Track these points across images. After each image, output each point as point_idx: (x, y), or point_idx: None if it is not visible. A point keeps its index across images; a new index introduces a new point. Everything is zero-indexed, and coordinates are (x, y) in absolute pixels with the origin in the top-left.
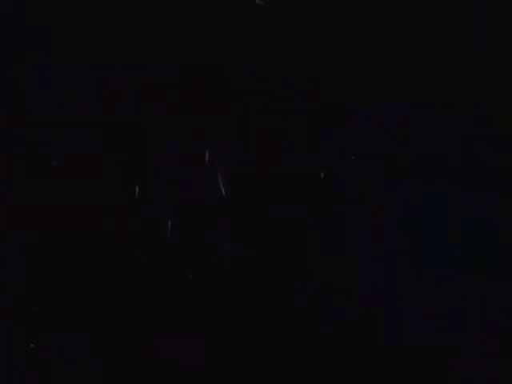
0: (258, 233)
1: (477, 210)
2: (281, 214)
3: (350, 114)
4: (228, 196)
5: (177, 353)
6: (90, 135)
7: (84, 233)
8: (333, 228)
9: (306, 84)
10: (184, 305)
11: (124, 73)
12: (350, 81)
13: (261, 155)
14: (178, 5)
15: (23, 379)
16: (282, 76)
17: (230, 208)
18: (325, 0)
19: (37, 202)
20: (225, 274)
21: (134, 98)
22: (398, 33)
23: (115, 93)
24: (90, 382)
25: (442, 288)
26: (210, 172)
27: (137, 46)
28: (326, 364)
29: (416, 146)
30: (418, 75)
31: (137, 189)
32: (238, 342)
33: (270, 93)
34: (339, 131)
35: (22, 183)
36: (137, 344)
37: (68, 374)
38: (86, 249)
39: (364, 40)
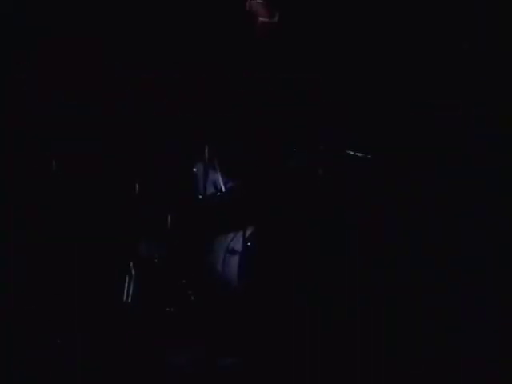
0: (258, 232)
1: (477, 209)
2: (281, 213)
3: (350, 114)
4: (228, 196)
5: (176, 352)
6: (90, 135)
7: (84, 233)
8: (333, 228)
9: (306, 84)
10: (184, 304)
11: (124, 73)
12: (350, 81)
13: (261, 155)
14: (178, 5)
15: (23, 379)
16: (282, 76)
17: (231, 207)
18: (325, 1)
19: (37, 202)
20: (225, 273)
21: (134, 98)
22: (397, 33)
23: (115, 93)
24: (90, 381)
25: (442, 288)
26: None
27: (137, 46)
28: (325, 364)
29: (416, 145)
30: (418, 75)
31: (137, 188)
32: (238, 341)
33: (270, 93)
34: (339, 131)
35: (22, 183)
36: (137, 344)
37: (68, 374)
38: (86, 249)
39: (364, 40)
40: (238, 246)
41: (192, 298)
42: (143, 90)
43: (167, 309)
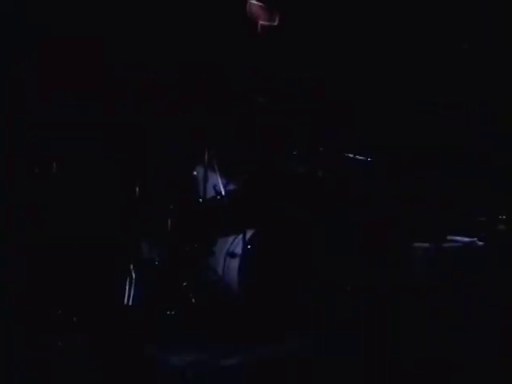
0: (260, 232)
1: (478, 208)
2: (284, 212)
3: (354, 113)
4: (230, 195)
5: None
6: (90, 135)
7: (84, 235)
8: (336, 227)
9: (310, 83)
10: (185, 307)
11: (124, 73)
12: (353, 80)
13: (261, 157)
14: (179, 5)
15: (23, 379)
16: (286, 75)
17: (231, 211)
18: (329, 1)
19: (37, 202)
20: (226, 276)
21: (134, 98)
22: (401, 32)
23: (115, 93)
24: (90, 382)
25: (443, 287)
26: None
27: (137, 46)
28: (328, 363)
29: (420, 144)
30: (421, 74)
31: (137, 189)
32: (239, 343)
33: (273, 92)
34: (343, 130)
35: (22, 183)
36: (137, 346)
37: (68, 374)
38: (86, 251)
39: (368, 39)
40: (238, 249)
41: (193, 300)
42: (143, 90)
43: (168, 312)
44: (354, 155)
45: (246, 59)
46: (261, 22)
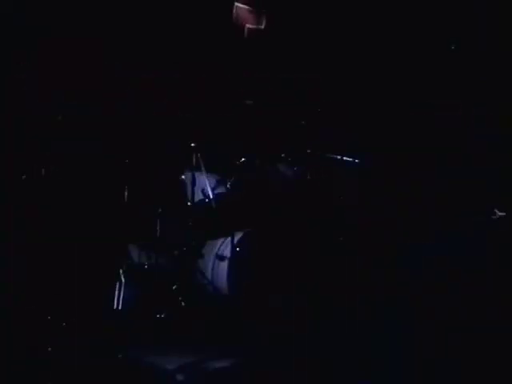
0: (248, 234)
1: (477, 208)
2: (272, 214)
3: (350, 115)
4: (218, 198)
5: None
6: (90, 135)
7: (83, 233)
8: (333, 228)
9: (304, 84)
10: (175, 310)
11: (124, 73)
12: (350, 81)
13: (261, 155)
14: (178, 6)
15: (23, 379)
16: (282, 76)
17: (221, 210)
18: (326, 1)
19: (37, 202)
20: (215, 278)
21: (134, 98)
22: (398, 33)
23: (115, 93)
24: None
25: (443, 287)
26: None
27: (137, 46)
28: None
29: (416, 145)
30: (417, 75)
31: (125, 193)
32: (229, 345)
33: (270, 93)
34: (339, 131)
35: (22, 183)
36: (126, 350)
37: (67, 374)
38: (86, 249)
39: (364, 40)
40: (227, 252)
41: (182, 303)
42: (143, 90)
43: (157, 315)
44: (342, 157)
45: (233, 62)
46: (248, 26)
